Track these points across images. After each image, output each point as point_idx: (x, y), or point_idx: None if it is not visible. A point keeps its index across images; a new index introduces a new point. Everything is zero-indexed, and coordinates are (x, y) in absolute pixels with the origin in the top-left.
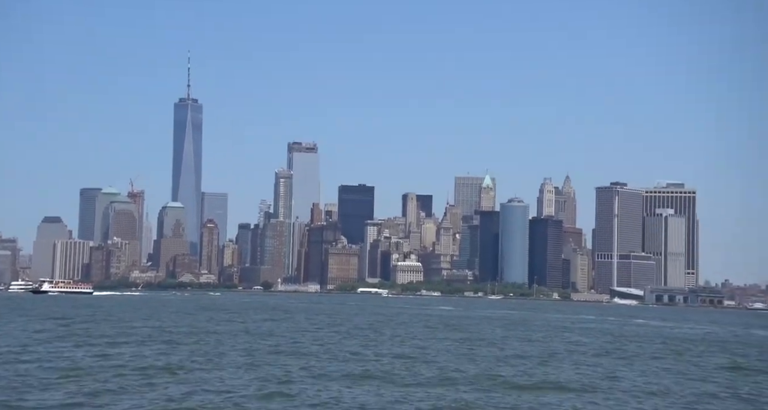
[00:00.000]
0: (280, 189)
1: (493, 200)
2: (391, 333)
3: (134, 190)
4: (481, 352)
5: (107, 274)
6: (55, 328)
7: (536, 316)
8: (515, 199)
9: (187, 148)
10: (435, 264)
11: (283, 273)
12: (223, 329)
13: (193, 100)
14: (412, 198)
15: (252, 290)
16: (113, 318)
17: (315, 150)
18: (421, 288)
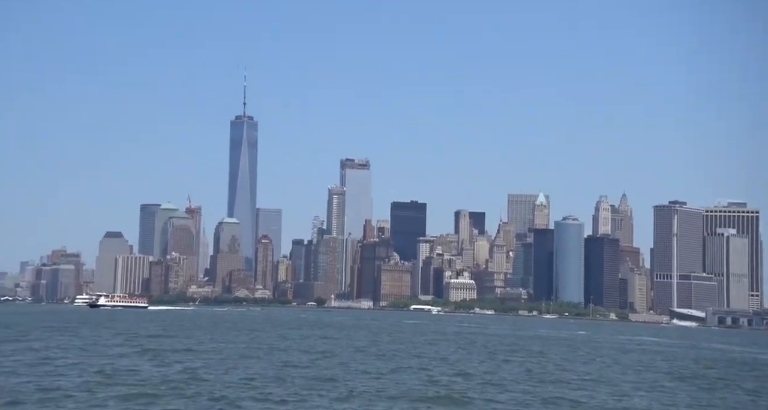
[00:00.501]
0: (333, 205)
1: (546, 218)
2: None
3: (192, 205)
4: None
5: (166, 289)
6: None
7: (609, 338)
8: (570, 217)
9: (242, 165)
10: (488, 282)
11: (336, 289)
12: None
13: (249, 118)
14: (465, 215)
15: (306, 306)
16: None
17: (367, 166)
18: (474, 306)
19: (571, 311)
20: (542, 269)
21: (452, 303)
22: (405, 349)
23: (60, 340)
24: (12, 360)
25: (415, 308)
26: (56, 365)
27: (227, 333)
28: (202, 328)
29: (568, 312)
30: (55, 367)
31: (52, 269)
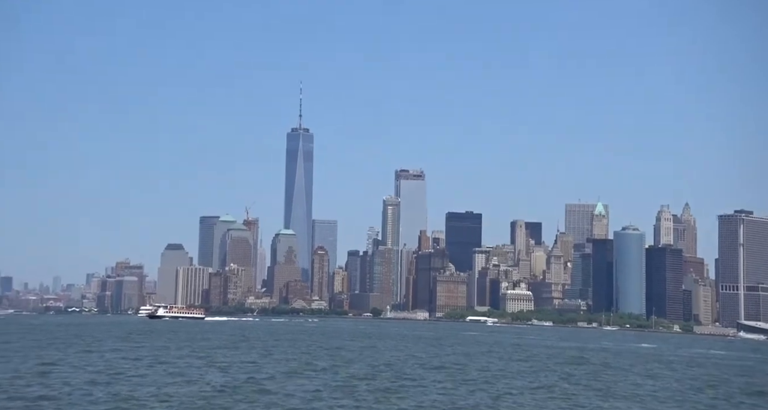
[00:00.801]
0: (388, 216)
1: (605, 228)
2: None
3: (249, 217)
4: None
5: (225, 300)
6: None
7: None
8: (630, 227)
9: (298, 177)
10: (545, 293)
11: (392, 300)
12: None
13: (305, 130)
14: (521, 225)
15: (362, 317)
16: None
17: (422, 177)
18: (531, 317)
19: (632, 323)
20: (601, 280)
21: (509, 315)
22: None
23: (134, 351)
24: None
25: (471, 319)
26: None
27: (291, 344)
28: (267, 339)
29: (629, 324)
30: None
31: (116, 281)
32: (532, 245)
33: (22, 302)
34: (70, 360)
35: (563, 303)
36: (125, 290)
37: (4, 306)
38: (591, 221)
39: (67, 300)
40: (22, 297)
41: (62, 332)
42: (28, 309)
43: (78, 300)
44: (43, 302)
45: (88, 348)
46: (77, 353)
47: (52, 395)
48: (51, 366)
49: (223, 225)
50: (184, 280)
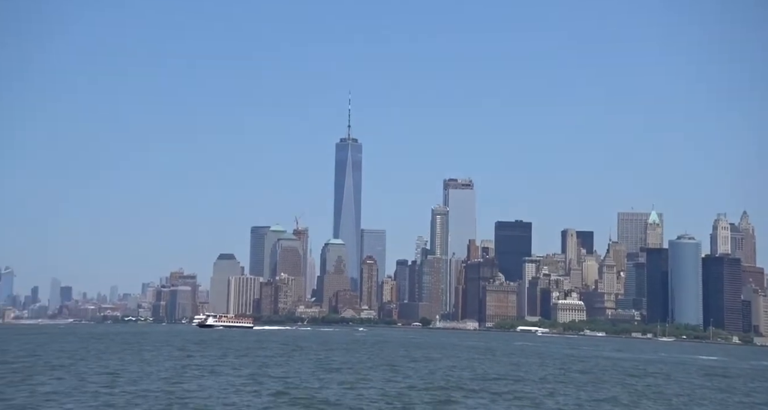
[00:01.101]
0: (437, 225)
1: (660, 237)
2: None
3: (299, 227)
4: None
5: (275, 309)
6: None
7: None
8: (685, 236)
9: (347, 187)
10: (598, 303)
11: (441, 309)
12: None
13: (353, 140)
14: (572, 234)
15: (411, 326)
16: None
17: (471, 186)
18: (583, 327)
19: (689, 334)
20: (656, 290)
21: (560, 325)
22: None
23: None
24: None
25: (522, 329)
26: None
27: (344, 353)
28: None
29: (685, 335)
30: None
31: (170, 290)
32: (583, 254)
33: (81, 311)
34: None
35: (616, 313)
36: (179, 299)
37: (63, 316)
38: (645, 230)
39: (124, 309)
40: (81, 307)
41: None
42: (87, 318)
43: (134, 309)
44: (100, 311)
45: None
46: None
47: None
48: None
49: (273, 235)
50: (235, 290)
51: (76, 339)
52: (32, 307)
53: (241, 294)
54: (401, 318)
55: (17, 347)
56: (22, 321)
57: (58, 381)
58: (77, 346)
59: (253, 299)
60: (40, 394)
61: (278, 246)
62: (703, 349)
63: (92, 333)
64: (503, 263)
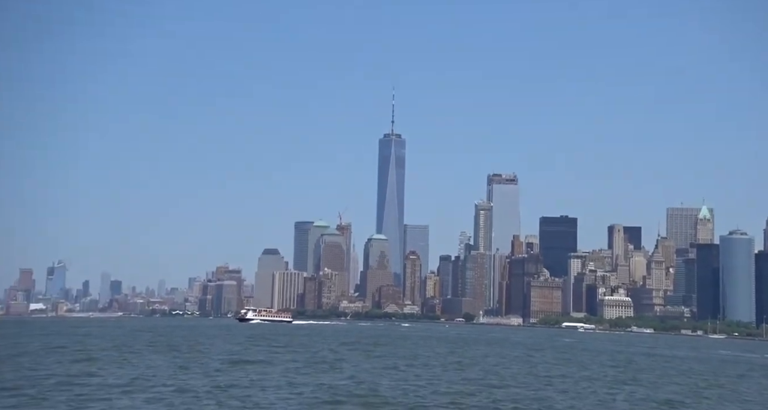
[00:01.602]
0: (480, 221)
1: (710, 232)
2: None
3: (342, 223)
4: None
5: (319, 304)
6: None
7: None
8: (737, 232)
9: (390, 182)
10: (646, 300)
11: (485, 305)
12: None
13: (397, 136)
14: (619, 230)
15: (454, 322)
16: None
17: (515, 181)
18: (631, 324)
19: (740, 331)
20: (707, 286)
21: (607, 321)
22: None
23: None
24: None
25: (567, 325)
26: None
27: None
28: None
29: (737, 333)
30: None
31: (216, 285)
32: (630, 250)
33: (130, 305)
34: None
35: (665, 310)
36: (225, 294)
37: (113, 309)
38: (694, 225)
39: (171, 303)
40: (130, 301)
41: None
42: (136, 311)
43: (181, 303)
44: (149, 305)
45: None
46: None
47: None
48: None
49: (317, 231)
50: (280, 284)
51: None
52: (83, 301)
53: (286, 289)
54: (444, 313)
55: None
56: (74, 315)
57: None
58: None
59: (297, 294)
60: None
61: (322, 241)
62: (758, 347)
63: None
64: (548, 259)
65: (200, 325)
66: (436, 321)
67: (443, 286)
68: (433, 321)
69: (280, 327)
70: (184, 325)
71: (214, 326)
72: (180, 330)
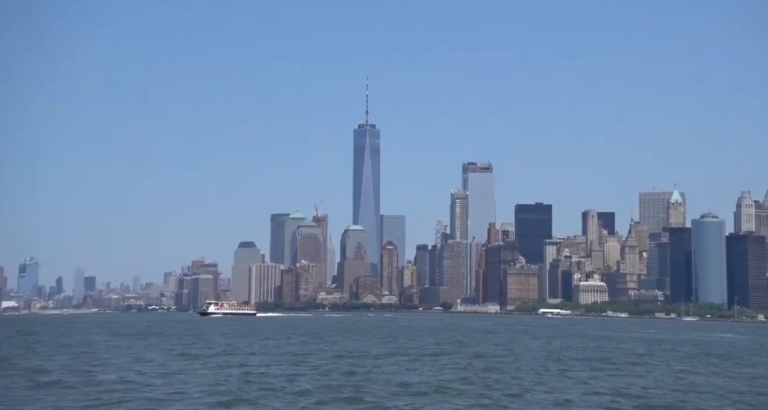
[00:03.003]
0: (456, 209)
1: (682, 216)
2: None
3: (318, 214)
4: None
5: (296, 296)
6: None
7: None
8: (709, 215)
9: (366, 173)
10: (620, 284)
11: (462, 293)
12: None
13: (371, 126)
14: (593, 215)
15: (432, 311)
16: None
17: (490, 169)
18: (606, 308)
19: (713, 313)
20: (680, 270)
21: (582, 306)
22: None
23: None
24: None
25: (544, 311)
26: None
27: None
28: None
29: (710, 315)
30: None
31: (192, 279)
32: (605, 235)
33: (105, 301)
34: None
35: (639, 293)
36: (201, 288)
37: (88, 305)
38: (667, 210)
39: (147, 298)
40: (105, 296)
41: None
42: (111, 307)
43: (157, 298)
44: (124, 301)
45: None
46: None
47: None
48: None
49: (293, 223)
50: (257, 277)
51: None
52: (57, 298)
53: (263, 282)
54: (422, 302)
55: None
56: (48, 312)
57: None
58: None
59: (275, 286)
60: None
61: (298, 233)
62: (729, 328)
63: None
64: (524, 246)
65: (149, 321)
66: (413, 311)
67: (421, 276)
68: (411, 310)
69: (239, 320)
70: (116, 321)
71: (160, 321)
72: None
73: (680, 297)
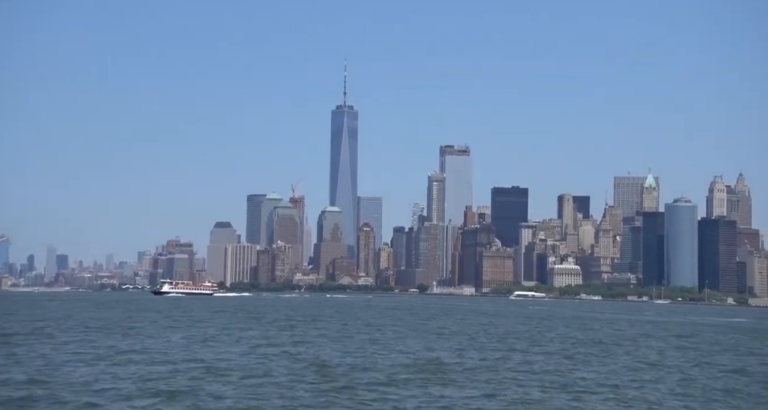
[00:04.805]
0: (433, 192)
1: (656, 200)
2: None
3: (295, 195)
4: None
5: (272, 277)
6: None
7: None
8: (682, 199)
9: (343, 154)
10: (594, 268)
11: (438, 275)
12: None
13: (349, 107)
14: (568, 199)
15: (408, 293)
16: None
17: (467, 152)
18: (580, 291)
19: (684, 296)
20: (652, 253)
21: (557, 289)
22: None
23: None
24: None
25: (519, 294)
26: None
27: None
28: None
29: (681, 298)
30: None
31: (167, 258)
32: (579, 219)
33: (78, 279)
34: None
35: (612, 277)
36: (176, 267)
37: (60, 284)
38: (641, 194)
39: (120, 277)
40: (77, 275)
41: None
42: (84, 286)
43: (131, 277)
44: (97, 279)
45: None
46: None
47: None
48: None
49: (270, 204)
50: (232, 258)
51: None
52: (28, 275)
53: (238, 262)
54: (398, 284)
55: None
56: (19, 289)
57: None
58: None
59: (251, 267)
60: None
61: (275, 214)
62: (702, 311)
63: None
64: (500, 229)
65: (93, 299)
66: (390, 293)
67: (397, 258)
68: (388, 292)
69: (189, 300)
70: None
71: (107, 301)
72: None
73: (652, 280)
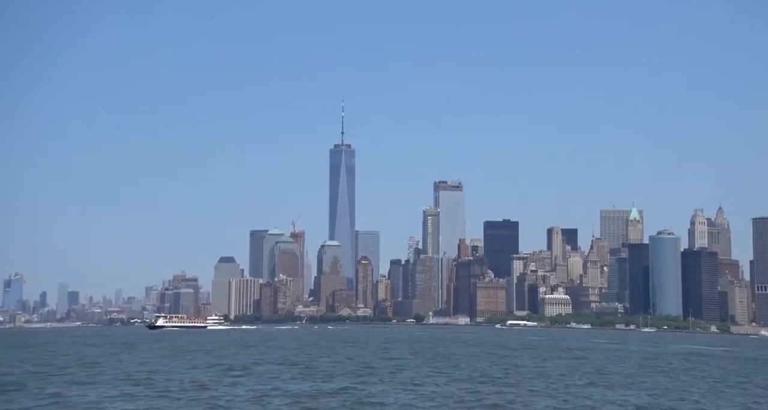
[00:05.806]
0: (428, 226)
1: (640, 233)
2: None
3: (296, 230)
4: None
5: (275, 309)
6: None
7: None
8: (665, 231)
9: (341, 191)
10: (583, 297)
11: (434, 306)
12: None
13: (347, 146)
14: (557, 232)
15: (405, 323)
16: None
17: (460, 188)
18: (570, 320)
19: (669, 324)
20: (638, 283)
21: (548, 318)
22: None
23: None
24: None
25: (511, 323)
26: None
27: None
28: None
29: (666, 326)
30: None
31: (173, 293)
32: (568, 251)
33: (88, 315)
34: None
35: (600, 306)
36: (182, 301)
37: (71, 319)
38: (626, 226)
39: (129, 312)
40: (88, 310)
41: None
42: (94, 321)
43: (139, 311)
44: (106, 314)
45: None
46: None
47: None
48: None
49: (271, 238)
50: (236, 291)
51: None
52: (41, 312)
53: (242, 296)
54: (396, 315)
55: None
56: (32, 325)
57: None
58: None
59: (254, 300)
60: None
61: (276, 248)
62: (686, 338)
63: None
64: (492, 261)
65: (92, 334)
66: (388, 323)
67: (394, 289)
68: (385, 323)
69: (180, 334)
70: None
71: (97, 335)
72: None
73: (639, 309)
